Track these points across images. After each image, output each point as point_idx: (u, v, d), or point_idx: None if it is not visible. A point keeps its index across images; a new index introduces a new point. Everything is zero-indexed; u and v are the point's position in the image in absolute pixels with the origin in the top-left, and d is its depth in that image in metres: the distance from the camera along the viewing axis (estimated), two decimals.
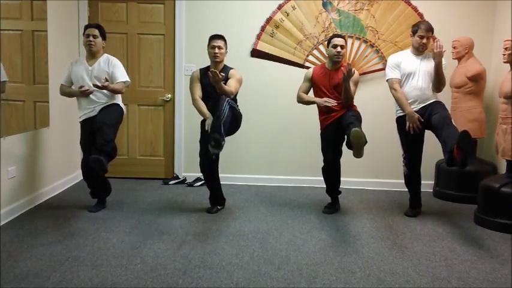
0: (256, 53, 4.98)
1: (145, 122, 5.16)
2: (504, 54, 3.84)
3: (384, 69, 4.92)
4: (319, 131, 4.10)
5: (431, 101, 3.87)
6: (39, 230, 3.50)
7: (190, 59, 5.01)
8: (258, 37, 4.97)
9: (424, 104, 3.87)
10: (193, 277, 2.79)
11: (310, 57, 4.98)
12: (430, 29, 3.88)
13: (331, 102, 3.83)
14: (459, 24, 4.82)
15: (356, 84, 3.96)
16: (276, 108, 5.00)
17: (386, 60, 4.88)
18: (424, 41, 3.87)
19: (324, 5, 4.91)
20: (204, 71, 3.92)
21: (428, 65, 3.87)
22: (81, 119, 3.95)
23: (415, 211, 4.14)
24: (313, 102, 3.98)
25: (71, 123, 4.65)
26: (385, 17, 4.88)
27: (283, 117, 5.01)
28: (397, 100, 3.96)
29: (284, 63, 5.00)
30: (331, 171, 4.11)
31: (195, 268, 2.91)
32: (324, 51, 4.95)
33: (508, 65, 3.86)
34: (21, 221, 3.69)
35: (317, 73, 4.04)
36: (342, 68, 3.85)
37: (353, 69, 3.76)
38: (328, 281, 2.78)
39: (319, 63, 4.78)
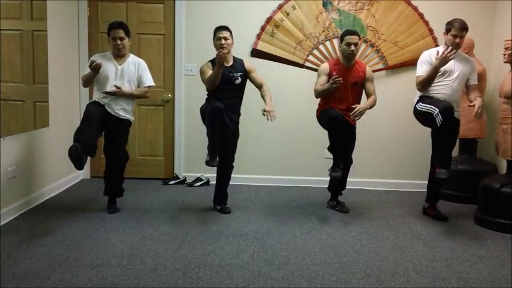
0: (256, 53, 4.97)
1: (145, 122, 5.15)
2: (504, 54, 3.84)
3: (384, 69, 4.95)
4: (320, 132, 4.09)
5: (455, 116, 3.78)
6: (38, 230, 3.49)
7: (190, 59, 5.00)
8: (258, 37, 4.96)
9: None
10: (193, 277, 2.78)
11: (311, 57, 4.98)
12: (464, 28, 3.75)
13: (337, 81, 3.75)
14: None
15: (373, 80, 4.07)
16: (276, 108, 4.96)
17: (386, 60, 4.93)
18: (458, 40, 3.75)
19: (324, 4, 4.91)
20: (214, 62, 3.87)
21: (463, 67, 3.80)
22: (95, 99, 3.84)
23: (447, 172, 3.69)
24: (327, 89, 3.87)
25: (71, 123, 4.64)
26: (386, 16, 4.88)
27: (283, 117, 4.99)
28: (426, 81, 3.76)
29: (284, 63, 4.99)
30: (341, 125, 3.90)
31: (195, 268, 2.91)
32: (324, 51, 4.96)
33: (508, 65, 3.86)
34: (20, 221, 3.68)
35: (334, 68, 3.98)
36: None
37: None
38: (328, 282, 2.78)
39: (319, 63, 4.77)
